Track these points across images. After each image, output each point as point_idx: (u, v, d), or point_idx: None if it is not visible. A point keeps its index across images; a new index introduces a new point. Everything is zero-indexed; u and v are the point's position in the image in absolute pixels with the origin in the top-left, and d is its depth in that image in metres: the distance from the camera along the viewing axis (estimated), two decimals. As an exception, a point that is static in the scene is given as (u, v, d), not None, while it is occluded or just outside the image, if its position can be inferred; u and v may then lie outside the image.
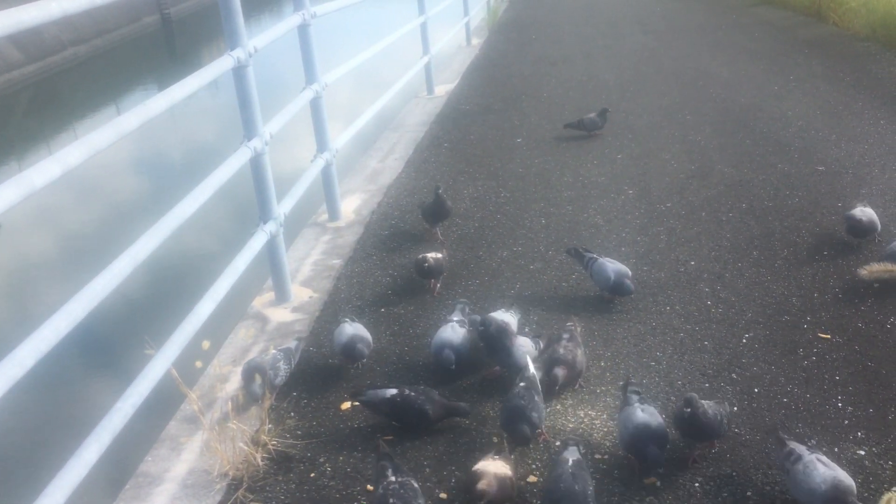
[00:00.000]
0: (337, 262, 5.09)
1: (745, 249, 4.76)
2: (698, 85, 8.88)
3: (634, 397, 3.12)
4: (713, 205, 5.45)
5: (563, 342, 3.57)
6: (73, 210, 10.48)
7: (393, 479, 2.83)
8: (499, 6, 16.80)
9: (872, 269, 4.12)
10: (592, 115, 7.25)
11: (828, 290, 4.22)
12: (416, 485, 2.85)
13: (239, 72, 4.07)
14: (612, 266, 4.22)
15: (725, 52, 10.59)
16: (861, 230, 4.62)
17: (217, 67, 3.86)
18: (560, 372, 3.44)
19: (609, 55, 11.18)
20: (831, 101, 7.75)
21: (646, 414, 3.00)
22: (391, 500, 2.73)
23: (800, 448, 2.78)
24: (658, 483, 2.96)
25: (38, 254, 9.29)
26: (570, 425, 3.32)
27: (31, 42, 21.75)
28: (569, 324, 3.77)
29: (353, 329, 3.85)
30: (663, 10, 14.82)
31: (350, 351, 3.78)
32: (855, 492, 2.61)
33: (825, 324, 3.91)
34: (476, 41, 13.45)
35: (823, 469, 2.66)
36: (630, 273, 4.23)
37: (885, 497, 2.38)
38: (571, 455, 2.85)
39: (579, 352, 3.56)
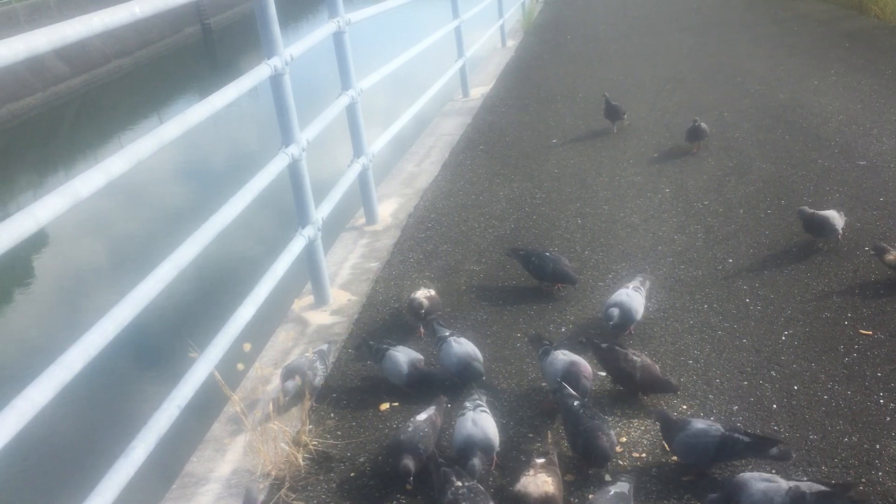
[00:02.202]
0: (374, 265, 5.15)
1: (785, 247, 4.72)
2: (736, 81, 8.79)
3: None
4: (751, 202, 5.40)
5: (629, 352, 3.51)
6: (119, 217, 10.74)
7: (460, 483, 2.81)
8: (534, 7, 16.78)
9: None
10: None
11: (869, 286, 4.16)
12: (482, 488, 2.83)
13: (276, 80, 4.15)
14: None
15: (763, 48, 10.46)
16: (812, 226, 4.59)
17: (255, 76, 3.94)
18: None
19: (645, 54, 11.11)
20: (873, 94, 7.62)
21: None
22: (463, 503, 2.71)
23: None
24: (693, 480, 2.95)
25: (87, 260, 9.54)
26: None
27: (76, 55, 22.31)
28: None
29: (461, 348, 3.69)
30: (700, 6, 14.69)
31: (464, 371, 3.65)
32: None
33: (866, 320, 3.86)
34: (511, 43, 13.47)
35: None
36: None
37: None
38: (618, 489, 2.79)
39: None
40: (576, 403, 3.12)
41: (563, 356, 3.47)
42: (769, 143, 6.56)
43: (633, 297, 3.91)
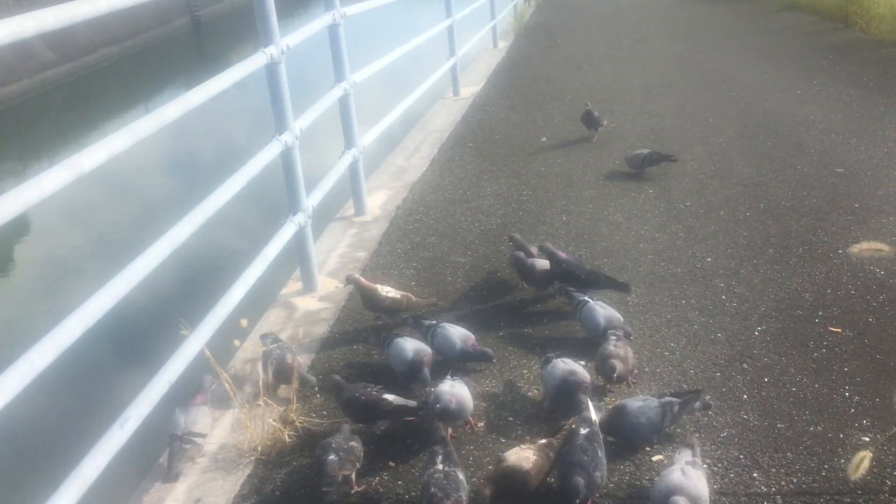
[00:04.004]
0: (363, 254, 5.25)
1: (761, 247, 4.86)
2: (722, 88, 8.96)
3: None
4: (731, 204, 5.55)
5: (613, 341, 3.61)
6: (118, 198, 10.97)
7: (440, 467, 2.83)
8: (526, 10, 16.93)
9: (862, 248, 4.19)
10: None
11: (841, 287, 4.31)
12: (461, 476, 2.83)
13: (271, 68, 4.25)
14: (604, 311, 3.90)
15: (751, 57, 10.65)
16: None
17: (251, 63, 4.04)
18: (617, 364, 3.44)
19: (635, 59, 11.27)
20: (853, 105, 7.81)
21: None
22: (432, 490, 2.74)
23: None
24: (664, 461, 3.07)
25: (85, 238, 9.74)
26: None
27: (64, 43, 22.22)
28: (610, 331, 3.73)
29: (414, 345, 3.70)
30: (691, 16, 14.89)
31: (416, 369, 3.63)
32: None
33: (836, 318, 4.01)
34: (503, 44, 13.61)
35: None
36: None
37: (858, 456, 2.48)
38: (583, 427, 2.94)
39: (629, 349, 3.62)
40: (583, 431, 2.93)
41: (563, 365, 3.41)
42: (751, 148, 6.73)
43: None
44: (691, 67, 10.31)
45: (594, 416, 3.04)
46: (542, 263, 4.40)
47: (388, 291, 4.22)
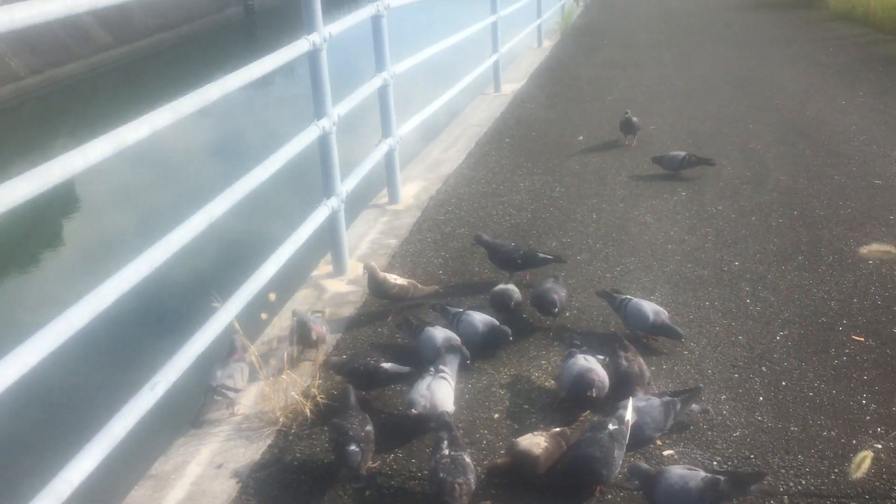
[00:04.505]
0: (393, 241, 5.36)
1: (791, 254, 4.86)
2: (766, 95, 8.90)
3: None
4: (764, 210, 5.54)
5: (623, 355, 3.55)
6: (166, 175, 11.47)
7: (446, 451, 2.91)
8: (573, 10, 16.90)
9: (872, 249, 4.16)
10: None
11: (868, 297, 4.30)
12: (468, 459, 2.89)
13: (313, 55, 4.37)
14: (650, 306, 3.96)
15: (797, 65, 10.54)
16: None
17: (294, 50, 4.16)
18: (638, 391, 3.37)
19: (680, 63, 11.23)
20: (898, 117, 7.71)
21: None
22: (441, 475, 2.82)
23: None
24: (675, 456, 3.13)
25: (132, 211, 10.25)
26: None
27: (120, 26, 22.72)
28: (618, 344, 3.66)
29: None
30: (741, 22, 14.76)
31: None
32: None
33: (861, 327, 4.00)
34: (547, 43, 13.63)
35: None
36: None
37: (860, 456, 2.52)
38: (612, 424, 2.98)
39: (641, 360, 3.55)
40: (611, 427, 2.96)
41: (583, 362, 3.44)
42: (789, 156, 6.69)
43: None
44: (736, 73, 10.24)
45: (629, 415, 3.06)
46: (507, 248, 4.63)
47: (395, 279, 4.35)
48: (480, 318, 3.91)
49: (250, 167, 3.87)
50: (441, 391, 3.35)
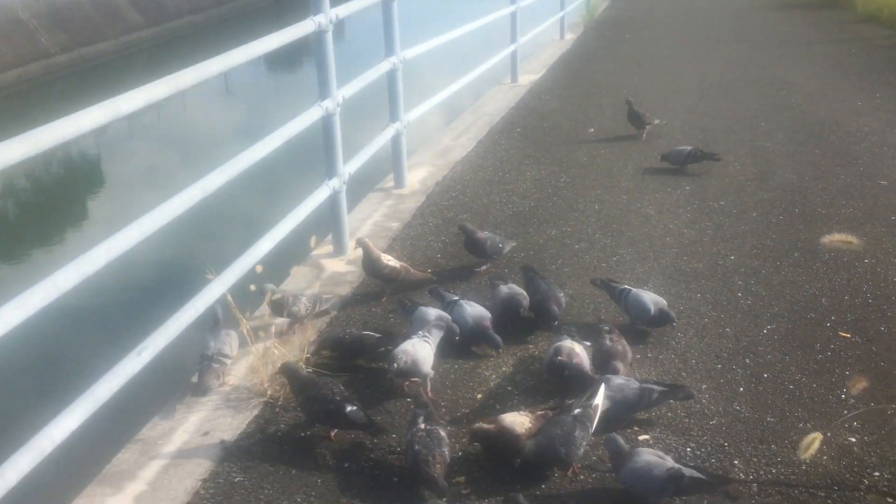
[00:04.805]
0: (395, 224, 5.43)
1: (787, 250, 4.87)
2: (781, 94, 8.85)
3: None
4: (766, 207, 5.55)
5: (608, 336, 3.64)
6: (165, 146, 11.68)
7: (422, 426, 3.00)
8: (598, 5, 16.84)
9: (833, 238, 4.15)
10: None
11: (859, 295, 4.31)
12: (443, 433, 3.02)
13: (319, 35, 4.44)
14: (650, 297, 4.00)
15: (815, 65, 10.46)
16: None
17: (299, 29, 4.23)
18: (619, 365, 3.48)
19: (698, 59, 11.17)
20: (914, 120, 7.65)
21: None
22: (416, 447, 2.91)
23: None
24: (650, 441, 3.17)
25: (130, 181, 10.58)
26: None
27: (151, 7, 22.95)
28: (604, 327, 3.74)
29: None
30: (763, 21, 14.64)
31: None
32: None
33: (848, 324, 4.02)
34: (570, 36, 13.60)
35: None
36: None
37: (809, 437, 2.55)
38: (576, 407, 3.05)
39: (625, 342, 3.64)
40: (575, 411, 3.03)
41: (567, 347, 3.50)
42: (797, 154, 6.67)
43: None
44: (753, 71, 10.18)
45: (598, 400, 3.11)
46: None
47: (389, 260, 4.39)
48: (472, 312, 3.87)
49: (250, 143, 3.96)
50: (422, 351, 3.46)
